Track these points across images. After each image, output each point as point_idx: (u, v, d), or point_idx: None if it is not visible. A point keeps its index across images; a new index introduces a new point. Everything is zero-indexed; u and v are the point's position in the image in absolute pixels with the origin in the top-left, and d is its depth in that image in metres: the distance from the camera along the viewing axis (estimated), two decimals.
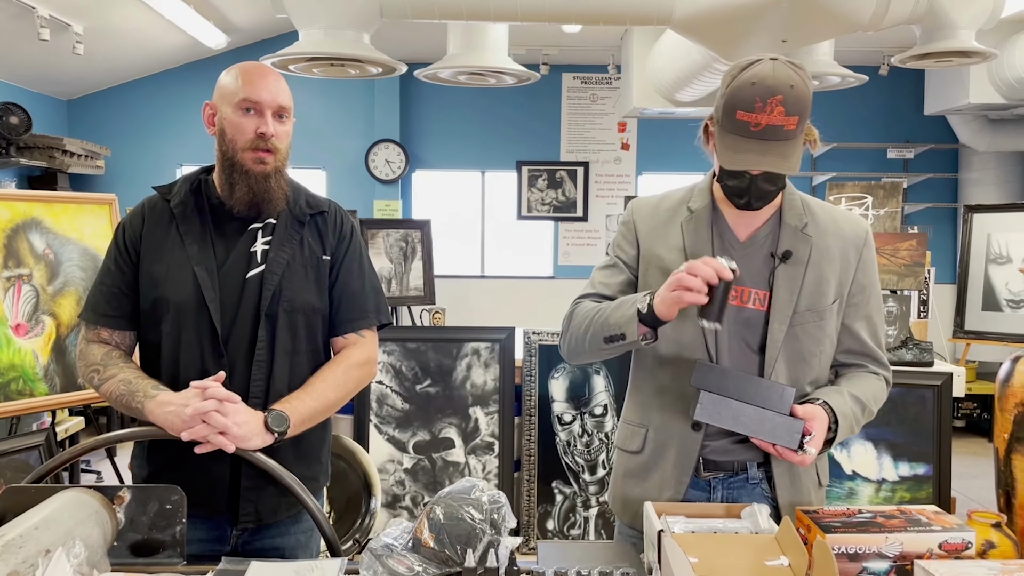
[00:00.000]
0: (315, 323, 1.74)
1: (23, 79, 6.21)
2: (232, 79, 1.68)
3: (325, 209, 1.79)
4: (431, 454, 3.63)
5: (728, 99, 1.50)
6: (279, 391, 1.67)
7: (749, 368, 1.61)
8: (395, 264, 5.40)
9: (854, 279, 1.66)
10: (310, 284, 1.73)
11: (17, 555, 1.13)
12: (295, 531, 1.77)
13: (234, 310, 1.66)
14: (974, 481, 4.81)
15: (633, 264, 1.71)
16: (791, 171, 1.50)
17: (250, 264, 1.69)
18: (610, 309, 1.61)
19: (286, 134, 1.71)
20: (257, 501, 1.69)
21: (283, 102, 1.69)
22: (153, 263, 1.69)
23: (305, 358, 1.73)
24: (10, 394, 2.78)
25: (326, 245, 1.76)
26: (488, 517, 1.30)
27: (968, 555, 1.34)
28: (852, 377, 1.69)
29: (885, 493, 3.29)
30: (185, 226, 1.69)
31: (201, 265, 1.66)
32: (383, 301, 1.85)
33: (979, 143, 6.72)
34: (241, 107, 1.66)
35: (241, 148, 1.66)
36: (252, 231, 1.71)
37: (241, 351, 1.66)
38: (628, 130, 7.39)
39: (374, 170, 7.25)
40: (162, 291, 1.67)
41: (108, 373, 1.65)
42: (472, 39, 4.10)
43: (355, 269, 1.79)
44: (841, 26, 3.33)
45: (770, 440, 1.53)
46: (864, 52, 6.23)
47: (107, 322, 1.71)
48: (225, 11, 6.00)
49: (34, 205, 2.91)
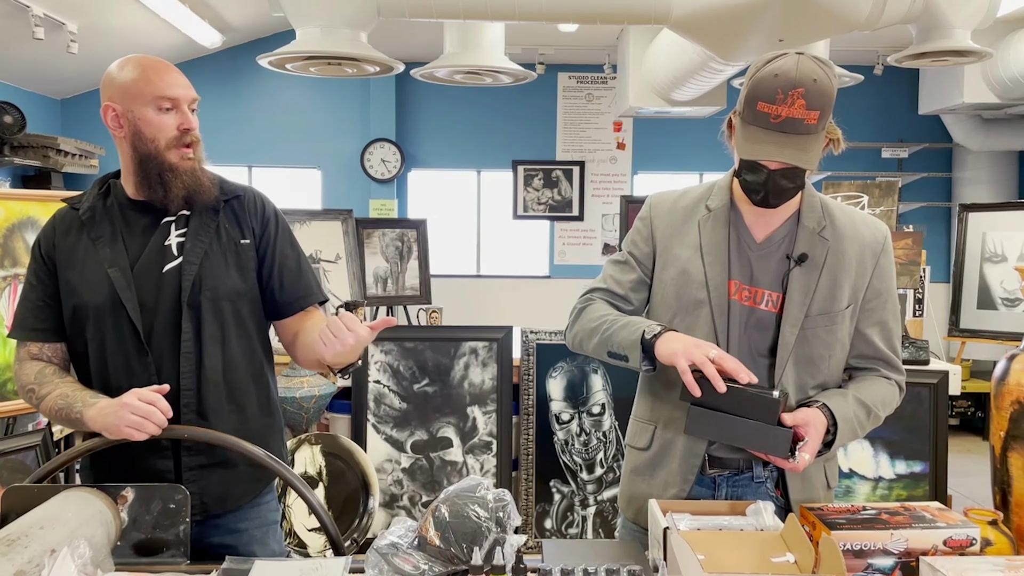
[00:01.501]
0: (241, 308, 1.72)
1: (17, 78, 6.18)
2: (135, 77, 1.64)
3: (240, 194, 1.77)
4: (429, 453, 3.62)
5: (750, 90, 1.50)
6: (213, 380, 1.66)
7: (758, 370, 1.60)
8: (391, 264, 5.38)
9: (869, 285, 1.65)
10: (231, 270, 1.71)
11: (23, 554, 1.13)
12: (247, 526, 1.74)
13: (154, 305, 1.65)
14: (969, 479, 4.82)
15: (647, 262, 1.71)
16: (809, 165, 1.50)
17: (166, 258, 1.67)
18: (618, 326, 1.61)
19: (198, 126, 1.70)
20: (202, 492, 1.66)
21: (194, 95, 1.69)
22: (68, 271, 1.67)
23: (237, 345, 1.71)
24: (6, 394, 2.76)
25: (244, 229, 1.74)
26: (494, 515, 1.30)
27: (972, 551, 1.35)
28: (861, 381, 1.68)
29: (882, 491, 3.30)
30: (95, 231, 1.68)
31: (114, 266, 1.65)
32: (318, 279, 1.85)
33: (973, 142, 6.75)
34: (158, 105, 1.63)
35: (166, 147, 1.64)
36: (164, 226, 1.69)
37: (165, 346, 1.65)
38: (624, 129, 7.40)
39: (370, 169, 7.24)
40: (79, 298, 1.66)
41: (44, 391, 1.63)
42: (468, 38, 4.10)
43: (288, 251, 1.78)
44: (838, 25, 3.34)
45: (761, 451, 1.52)
46: (859, 51, 6.25)
47: (36, 336, 1.69)
48: (220, 10, 5.98)
49: (29, 204, 2.90)
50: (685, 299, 1.64)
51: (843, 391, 1.64)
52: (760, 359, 1.62)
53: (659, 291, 1.70)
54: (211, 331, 1.67)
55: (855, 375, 1.71)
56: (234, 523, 1.72)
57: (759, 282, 1.62)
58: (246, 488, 1.74)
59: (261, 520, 1.77)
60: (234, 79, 7.06)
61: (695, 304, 1.63)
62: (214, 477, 1.67)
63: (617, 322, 1.62)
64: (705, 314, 1.62)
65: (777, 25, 3.30)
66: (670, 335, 1.53)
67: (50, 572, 1.13)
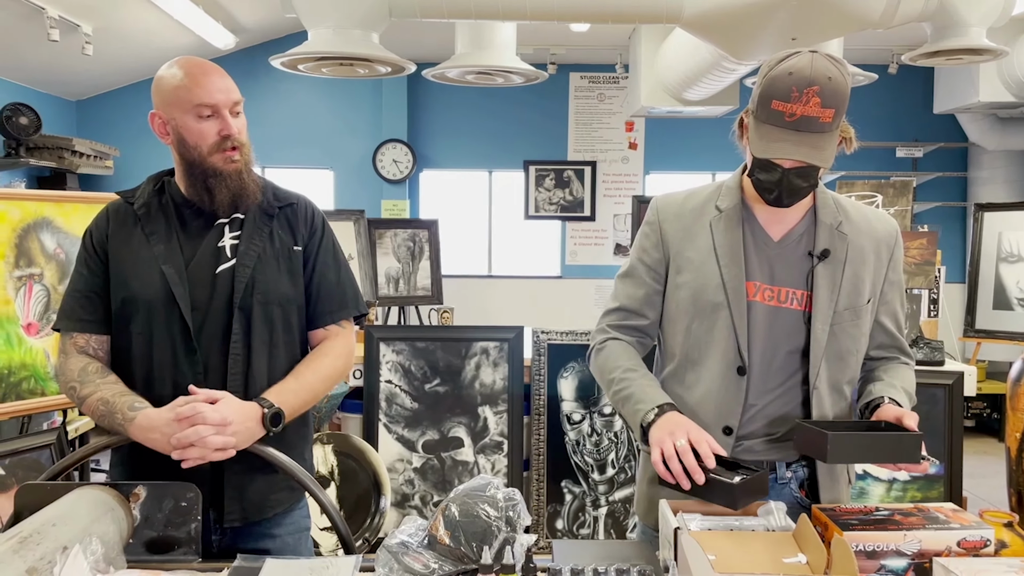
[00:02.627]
0: (291, 314, 1.73)
1: (32, 80, 6.23)
2: (176, 84, 1.63)
3: (294, 201, 1.78)
4: (440, 453, 3.62)
5: (764, 88, 1.49)
6: (259, 384, 1.66)
7: (790, 369, 1.61)
8: (403, 264, 5.39)
9: (886, 277, 1.67)
10: (283, 275, 1.71)
11: (35, 551, 1.14)
12: (281, 532, 1.74)
13: (205, 306, 1.64)
14: (985, 480, 4.78)
15: (658, 268, 1.70)
16: (824, 164, 1.49)
17: (219, 259, 1.67)
18: (622, 396, 1.62)
19: (244, 127, 1.70)
20: (242, 498, 1.67)
21: (236, 97, 1.67)
22: (120, 264, 1.67)
23: (283, 350, 1.71)
24: (21, 393, 2.78)
25: (297, 236, 1.75)
26: (503, 514, 1.30)
27: (986, 553, 1.33)
28: (891, 370, 1.70)
29: (896, 493, 3.28)
30: (150, 226, 1.68)
31: (168, 263, 1.65)
32: (359, 292, 1.85)
33: (989, 142, 6.69)
34: (197, 113, 1.63)
35: (209, 152, 1.64)
36: (219, 227, 1.70)
37: (215, 346, 1.65)
38: (636, 129, 7.39)
39: (381, 170, 7.25)
40: (131, 291, 1.65)
41: (85, 391, 1.62)
42: (480, 38, 4.10)
43: (330, 261, 1.79)
44: (851, 24, 3.32)
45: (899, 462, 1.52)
46: (873, 50, 6.22)
47: (83, 327, 1.68)
48: (233, 11, 6.01)
49: (44, 205, 2.91)
50: (702, 303, 1.63)
51: (891, 383, 1.64)
52: (791, 358, 1.61)
53: (674, 297, 1.68)
54: (260, 335, 1.67)
55: (877, 364, 1.72)
56: (269, 529, 1.73)
57: (782, 281, 1.61)
58: (283, 496, 1.73)
59: (295, 527, 1.77)
60: (247, 80, 7.09)
61: (712, 308, 1.61)
62: (255, 486, 1.67)
63: (623, 390, 1.62)
64: (724, 317, 1.60)
65: (790, 24, 3.29)
66: (659, 422, 1.52)
67: (62, 569, 1.13)
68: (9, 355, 2.76)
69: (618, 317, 1.73)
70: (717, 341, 1.61)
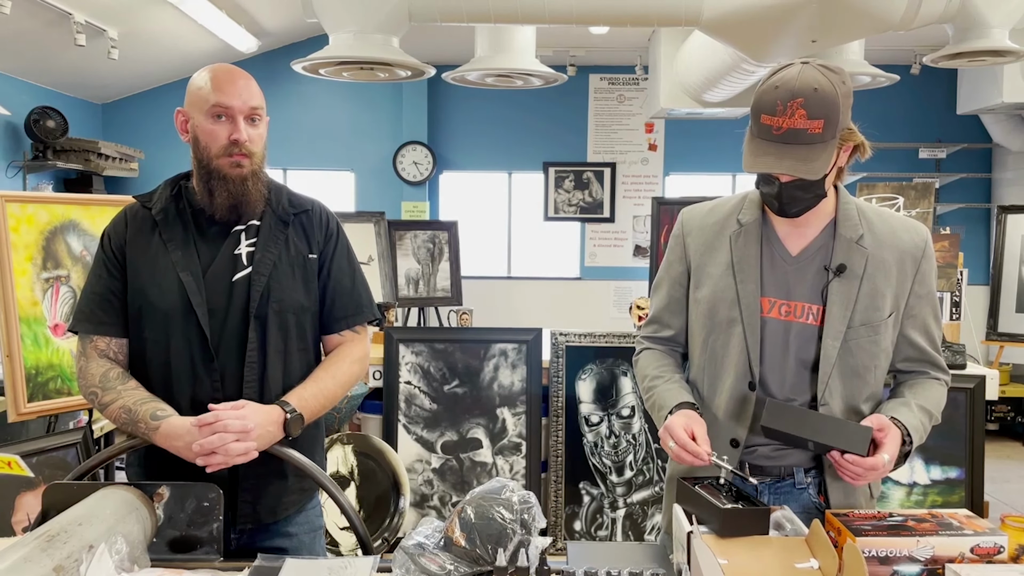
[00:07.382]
0: (305, 322, 1.74)
1: (59, 84, 6.33)
2: (202, 84, 1.65)
3: (309, 208, 1.79)
4: (459, 454, 3.65)
5: (755, 103, 1.51)
6: (274, 391, 1.67)
7: (802, 385, 1.61)
8: (422, 265, 5.42)
9: (911, 291, 1.63)
10: (298, 283, 1.73)
11: (62, 550, 1.17)
12: (297, 531, 1.77)
13: (223, 314, 1.66)
14: (1007, 485, 4.74)
15: (682, 280, 1.72)
16: (811, 175, 1.48)
17: (236, 267, 1.68)
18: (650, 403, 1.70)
19: (260, 136, 1.69)
20: (256, 502, 1.69)
21: (254, 104, 1.67)
22: (138, 270, 1.68)
23: (297, 357, 1.73)
24: (48, 393, 2.84)
25: (312, 243, 1.76)
26: (518, 517, 1.32)
27: (1000, 559, 1.33)
28: (915, 385, 1.66)
29: (917, 497, 3.26)
30: (168, 233, 1.68)
31: (186, 270, 1.65)
32: (372, 297, 1.86)
33: (1013, 143, 6.61)
34: (212, 114, 1.64)
35: (216, 155, 1.65)
36: (235, 234, 1.70)
37: (232, 354, 1.66)
38: (655, 131, 7.37)
39: (402, 172, 7.29)
40: (148, 298, 1.66)
41: (107, 398, 1.62)
42: (500, 41, 4.12)
43: (345, 266, 1.80)
44: (872, 26, 3.30)
45: (839, 446, 1.48)
46: (895, 51, 6.16)
47: (103, 330, 1.68)
48: (256, 15, 6.08)
49: (71, 208, 2.97)
50: (718, 318, 1.64)
51: (905, 400, 1.62)
52: (803, 373, 1.61)
53: (694, 310, 1.70)
54: (275, 342, 1.69)
55: (904, 379, 1.69)
56: (284, 528, 1.75)
57: (797, 295, 1.60)
58: (295, 498, 1.76)
59: (309, 525, 1.80)
60: (269, 83, 7.11)
61: (728, 323, 1.63)
62: (269, 489, 1.70)
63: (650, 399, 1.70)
64: (738, 333, 1.61)
65: (809, 26, 3.27)
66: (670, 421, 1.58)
67: (88, 567, 1.16)
68: (37, 355, 2.81)
69: (652, 329, 1.79)
70: (731, 356, 1.62)
